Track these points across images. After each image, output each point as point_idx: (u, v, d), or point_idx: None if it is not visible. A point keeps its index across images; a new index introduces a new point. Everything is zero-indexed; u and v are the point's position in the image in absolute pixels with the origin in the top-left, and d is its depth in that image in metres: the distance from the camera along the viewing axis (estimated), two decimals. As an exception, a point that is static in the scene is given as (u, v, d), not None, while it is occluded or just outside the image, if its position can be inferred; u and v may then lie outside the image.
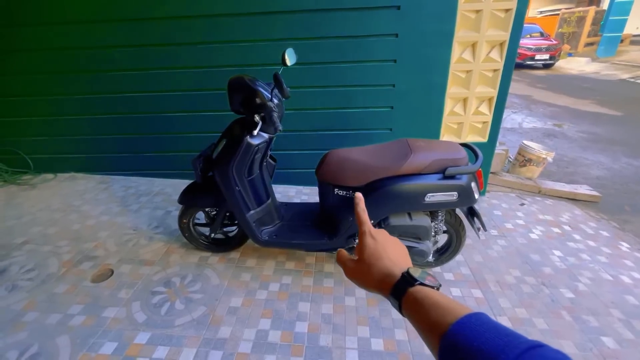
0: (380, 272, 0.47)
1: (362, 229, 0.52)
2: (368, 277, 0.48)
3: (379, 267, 0.47)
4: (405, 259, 0.50)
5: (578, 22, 13.43)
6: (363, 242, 0.51)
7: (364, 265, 0.49)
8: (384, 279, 0.46)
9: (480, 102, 2.73)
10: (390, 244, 0.51)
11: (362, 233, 0.52)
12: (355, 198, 0.55)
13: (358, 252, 0.51)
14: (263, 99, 1.59)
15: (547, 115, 6.30)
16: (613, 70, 10.51)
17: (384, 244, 0.50)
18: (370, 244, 0.50)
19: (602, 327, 1.75)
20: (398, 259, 0.49)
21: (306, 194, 3.05)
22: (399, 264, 0.48)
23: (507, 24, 2.45)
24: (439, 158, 1.63)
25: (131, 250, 2.25)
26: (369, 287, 0.48)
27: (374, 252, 0.49)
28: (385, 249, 0.49)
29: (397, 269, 0.46)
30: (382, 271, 0.47)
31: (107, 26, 2.64)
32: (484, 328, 0.34)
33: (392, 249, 0.50)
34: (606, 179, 3.75)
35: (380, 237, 0.51)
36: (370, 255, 0.49)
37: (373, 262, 0.48)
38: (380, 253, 0.49)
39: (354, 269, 0.50)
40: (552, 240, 2.49)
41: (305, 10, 2.48)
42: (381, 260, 0.48)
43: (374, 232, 0.52)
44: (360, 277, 0.49)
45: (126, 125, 3.03)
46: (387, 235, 0.53)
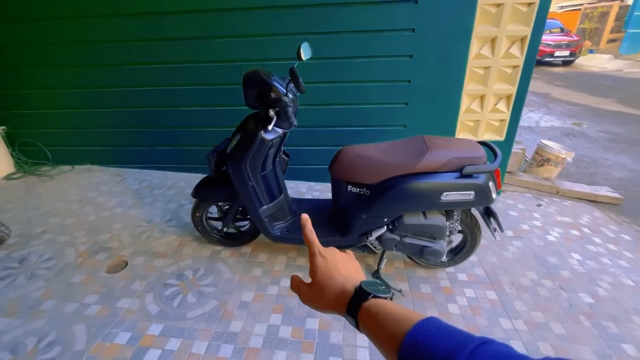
0: (335, 292, 0.45)
1: (312, 250, 0.50)
2: (323, 299, 0.46)
3: (333, 287, 0.46)
4: (357, 274, 0.49)
5: (601, 17, 12.94)
6: (313, 262, 0.49)
7: (317, 287, 0.47)
8: (338, 298, 0.45)
9: (499, 99, 2.65)
10: (341, 260, 0.50)
11: (311, 254, 0.50)
12: (302, 220, 0.53)
13: (311, 274, 0.49)
14: (278, 94, 1.57)
15: (566, 114, 6.11)
16: (637, 67, 10.12)
17: (334, 261, 0.49)
18: (321, 264, 0.48)
19: (622, 333, 1.69)
20: (350, 274, 0.48)
21: (318, 191, 3.03)
22: (352, 279, 0.46)
23: (529, 19, 2.36)
24: (456, 156, 1.59)
25: (145, 242, 2.28)
26: (325, 308, 0.46)
27: (325, 272, 0.47)
28: (337, 267, 0.48)
29: (350, 285, 0.45)
30: (336, 290, 0.45)
31: (125, 20, 2.66)
32: (436, 332, 0.35)
33: (343, 265, 0.49)
34: (628, 181, 3.61)
35: (330, 255, 0.50)
36: (322, 276, 0.47)
37: (326, 283, 0.46)
38: (332, 272, 0.47)
39: (308, 293, 0.48)
40: (571, 243, 2.42)
41: (321, 4, 2.45)
42: (333, 279, 0.46)
43: (324, 251, 0.50)
44: (316, 300, 0.47)
45: (141, 118, 3.06)
46: (337, 252, 0.51)
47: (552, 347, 1.61)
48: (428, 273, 2.08)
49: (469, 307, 1.84)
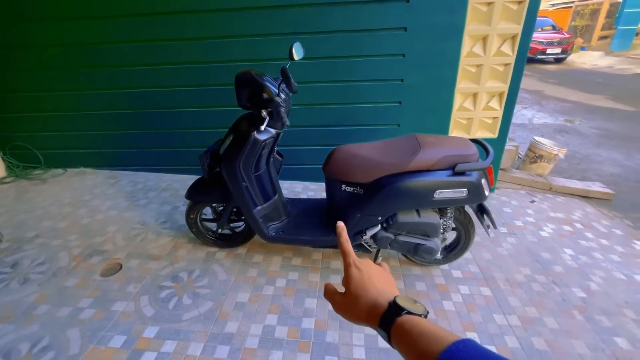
0: (368, 304, 0.46)
1: (347, 261, 0.51)
2: (356, 310, 0.47)
3: (366, 298, 0.46)
4: (391, 288, 0.49)
5: (592, 14, 13.07)
6: (348, 273, 0.50)
7: (351, 297, 0.48)
8: (371, 311, 0.45)
9: (491, 97, 2.67)
10: (376, 273, 0.50)
11: (346, 265, 0.51)
12: (338, 228, 0.54)
13: (344, 284, 0.50)
14: (270, 94, 1.57)
15: (559, 111, 6.17)
16: (627, 64, 10.23)
17: (369, 274, 0.49)
18: (355, 275, 0.49)
19: (614, 327, 1.72)
20: (384, 288, 0.48)
21: (313, 190, 3.03)
22: (386, 293, 0.47)
23: (519, 17, 2.38)
24: (448, 154, 1.60)
25: (139, 244, 2.27)
26: (357, 320, 0.47)
27: (360, 283, 0.48)
28: (371, 279, 0.49)
29: (384, 298, 0.46)
30: (369, 303, 0.46)
31: (117, 21, 2.64)
32: (473, 354, 0.34)
33: (377, 278, 0.49)
34: (620, 177, 3.66)
35: (365, 267, 0.50)
36: (356, 287, 0.48)
37: (360, 294, 0.47)
38: (366, 284, 0.48)
39: (341, 302, 0.49)
40: (564, 239, 2.44)
41: (313, 4, 2.45)
42: (367, 291, 0.47)
43: (359, 262, 0.51)
44: (349, 310, 0.48)
45: (135, 120, 3.04)
46: (372, 265, 0.52)
47: (545, 342, 1.63)
48: (423, 271, 2.09)
49: (463, 303, 1.86)
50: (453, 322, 1.74)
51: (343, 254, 0.52)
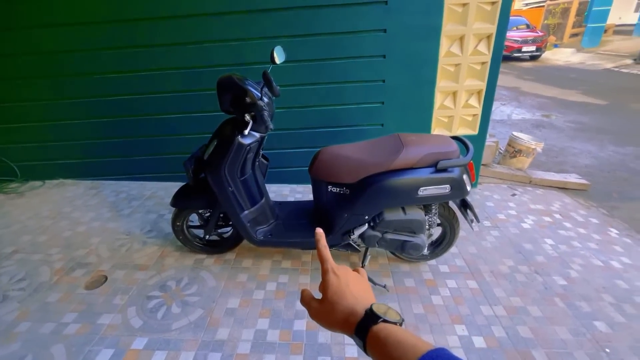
0: (344, 311, 0.46)
1: (325, 267, 0.51)
2: (332, 317, 0.47)
3: (343, 306, 0.46)
4: (368, 295, 0.49)
5: (562, 13, 13.61)
6: (326, 280, 0.49)
7: (327, 304, 0.47)
8: (347, 318, 0.45)
9: (470, 95, 2.75)
10: (353, 280, 0.50)
11: (324, 271, 0.50)
12: (316, 235, 0.54)
13: (322, 290, 0.49)
14: (253, 98, 1.58)
15: (536, 107, 6.38)
16: (598, 60, 10.69)
17: (347, 281, 0.49)
18: (333, 282, 0.48)
19: (594, 312, 1.79)
20: (361, 295, 0.48)
21: (300, 192, 3.04)
22: (362, 301, 0.47)
23: (493, 17, 2.47)
24: (430, 152, 1.64)
25: (125, 255, 2.22)
26: (333, 327, 0.47)
27: (337, 290, 0.48)
28: (349, 286, 0.48)
29: (361, 306, 0.46)
30: (346, 310, 0.46)
31: (94, 28, 2.59)
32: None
33: (355, 285, 0.49)
34: (594, 167, 3.82)
35: (343, 274, 0.50)
36: (333, 294, 0.47)
37: (336, 301, 0.47)
38: (344, 291, 0.48)
39: (318, 309, 0.49)
40: (544, 229, 2.53)
41: (294, 7, 2.47)
42: (345, 298, 0.47)
43: (337, 269, 0.50)
44: (325, 317, 0.48)
45: (115, 128, 2.98)
46: (350, 272, 0.52)
47: (530, 330, 1.69)
48: (411, 267, 2.13)
49: (451, 297, 1.90)
50: (442, 316, 1.78)
51: (321, 260, 0.51)
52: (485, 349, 1.60)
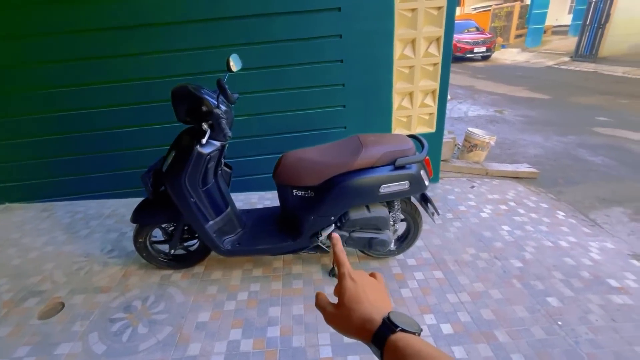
0: (361, 318, 0.44)
1: (342, 271, 0.49)
2: (348, 323, 0.45)
3: (360, 311, 0.45)
4: (385, 302, 0.48)
5: (507, 16, 14.68)
6: (342, 284, 0.48)
7: (344, 309, 0.46)
8: (364, 325, 0.44)
9: (425, 95, 2.89)
10: (370, 286, 0.49)
11: (341, 275, 0.49)
12: (333, 239, 0.54)
13: (338, 294, 0.48)
14: (209, 106, 1.56)
15: (489, 103, 6.81)
16: (540, 58, 11.61)
17: (363, 286, 0.48)
18: (350, 287, 0.47)
19: (546, 289, 1.94)
20: (378, 302, 0.47)
21: (269, 199, 3.03)
22: (380, 308, 0.46)
23: (440, 21, 2.62)
24: (388, 150, 1.71)
25: (83, 278, 2.09)
26: (349, 333, 0.46)
27: (354, 296, 0.47)
28: (366, 292, 0.47)
29: (378, 314, 0.44)
30: (363, 316, 0.44)
31: (37, 40, 2.44)
32: None
33: (372, 291, 0.48)
34: (542, 157, 4.14)
35: (359, 279, 0.49)
36: (350, 299, 0.46)
37: (353, 307, 0.46)
38: (361, 296, 0.46)
39: (333, 314, 0.48)
40: (501, 217, 2.70)
41: (249, 16, 2.48)
42: (361, 304, 0.46)
43: (354, 273, 0.49)
44: (340, 322, 0.47)
45: (67, 146, 2.80)
46: (367, 277, 0.51)
47: (492, 312, 1.79)
48: (380, 263, 2.19)
49: (419, 288, 1.98)
50: (411, 308, 1.84)
51: (338, 264, 0.50)
52: (453, 334, 1.68)
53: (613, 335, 1.63)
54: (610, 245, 2.36)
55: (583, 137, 4.67)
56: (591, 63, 9.69)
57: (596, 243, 2.37)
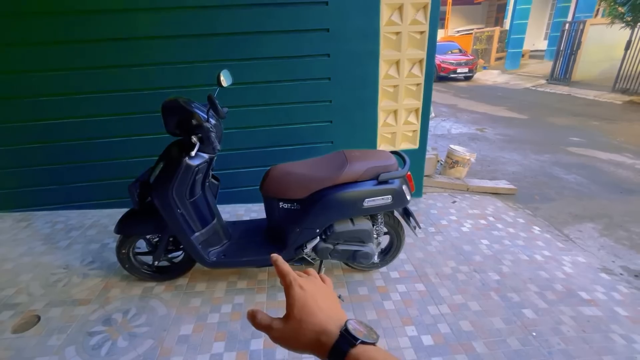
0: (315, 330, 0.40)
1: (287, 280, 0.44)
2: (300, 338, 0.41)
3: (312, 323, 0.40)
4: (338, 312, 0.44)
5: (488, 40, 15.44)
6: (290, 294, 0.43)
7: (293, 322, 0.41)
8: (318, 338, 0.39)
9: (409, 113, 3.02)
10: (322, 293, 0.45)
11: (287, 284, 0.44)
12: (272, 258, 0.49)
13: (287, 307, 0.43)
14: (199, 120, 1.60)
15: (471, 122, 7.08)
16: (519, 80, 12.21)
17: (314, 294, 0.43)
18: (299, 297, 0.42)
19: (522, 301, 2.02)
20: (332, 311, 0.43)
21: (255, 212, 3.04)
22: (334, 317, 0.42)
23: (423, 44, 2.77)
24: (372, 166, 1.78)
25: (62, 291, 2.04)
26: (302, 349, 0.41)
27: (304, 306, 0.42)
28: (317, 301, 0.43)
29: (333, 324, 0.40)
30: (316, 329, 0.40)
31: (22, 49, 2.44)
32: None
33: (324, 299, 0.44)
34: (520, 174, 4.32)
35: (309, 286, 0.44)
36: (300, 310, 0.41)
37: (304, 319, 0.41)
38: (312, 306, 0.42)
39: (282, 330, 0.42)
40: (480, 231, 2.80)
41: (240, 33, 2.56)
42: (314, 315, 0.41)
43: (301, 281, 0.45)
44: (291, 338, 0.41)
45: (49, 155, 2.76)
46: (317, 282, 0.47)
47: (470, 324, 1.85)
48: (364, 276, 2.22)
49: (401, 301, 2.02)
50: (393, 320, 1.88)
51: (281, 275, 0.45)
52: (433, 345, 1.72)
53: (583, 346, 1.71)
54: (582, 259, 2.48)
55: (558, 156, 4.91)
56: (565, 86, 10.25)
57: (569, 257, 2.49)
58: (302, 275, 0.48)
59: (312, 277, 0.48)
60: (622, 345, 1.71)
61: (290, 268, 0.47)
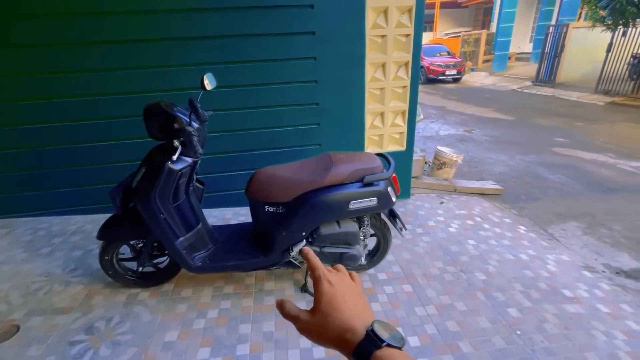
0: (340, 327, 0.40)
1: (316, 274, 0.45)
2: (325, 332, 0.41)
3: (339, 320, 0.41)
4: (366, 311, 0.44)
5: (475, 42, 15.70)
6: (319, 289, 0.44)
7: (320, 316, 0.42)
8: (344, 335, 0.40)
9: (395, 115, 3.04)
10: (350, 291, 0.45)
11: (316, 278, 0.44)
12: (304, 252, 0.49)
13: (315, 301, 0.44)
14: (182, 124, 1.59)
15: (459, 123, 7.18)
16: (506, 82, 12.43)
17: (342, 291, 0.44)
18: (327, 292, 0.43)
19: (507, 300, 2.04)
20: (359, 310, 0.43)
21: (243, 215, 3.02)
22: (361, 316, 0.42)
23: (408, 47, 2.80)
24: (357, 168, 1.79)
25: (42, 299, 1.99)
26: (327, 343, 0.41)
27: (331, 301, 0.42)
28: (345, 298, 0.43)
29: (360, 324, 0.40)
30: (342, 326, 0.40)
31: (3, 52, 2.38)
32: None
33: (351, 297, 0.44)
34: (506, 174, 4.39)
35: (338, 282, 0.45)
36: (327, 305, 0.42)
37: (331, 313, 0.41)
38: (339, 303, 0.42)
39: (308, 322, 0.43)
40: (467, 232, 2.83)
41: (225, 36, 2.55)
42: (340, 311, 0.41)
43: (330, 276, 0.45)
44: (316, 331, 0.42)
45: (30, 160, 2.70)
46: (345, 279, 0.47)
47: (457, 324, 1.87)
48: (352, 278, 2.22)
49: (388, 302, 2.03)
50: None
51: (311, 268, 0.46)
52: (420, 346, 1.73)
53: (566, 343, 1.74)
54: (566, 258, 2.52)
55: (543, 157, 5.01)
56: (550, 88, 10.48)
57: (553, 256, 2.53)
58: (332, 270, 0.48)
59: (342, 274, 0.48)
60: (604, 342, 1.75)
61: (320, 262, 0.47)
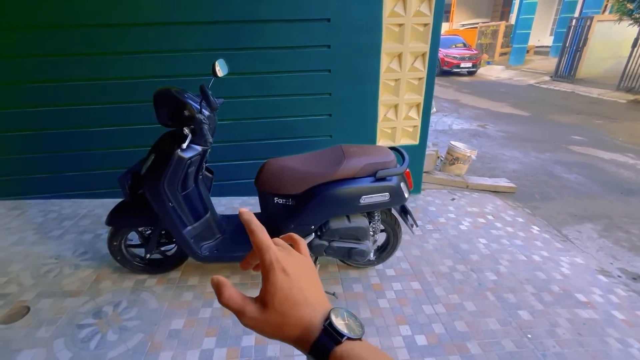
0: (298, 325, 0.35)
1: (267, 259, 0.36)
2: (280, 331, 0.35)
3: (296, 317, 0.35)
4: (322, 297, 0.38)
5: (493, 34, 15.21)
6: (272, 280, 0.35)
7: (274, 315, 0.35)
8: (302, 333, 0.34)
9: (410, 108, 2.95)
10: (306, 276, 0.38)
11: (267, 266, 0.36)
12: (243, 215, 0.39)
13: (265, 294, 0.35)
14: (192, 111, 1.55)
15: (473, 118, 7.00)
16: (523, 76, 12.06)
17: (299, 279, 0.36)
18: (283, 285, 0.35)
19: (518, 302, 1.99)
20: (317, 300, 0.37)
21: (251, 205, 3.00)
22: (317, 306, 0.36)
23: (426, 37, 2.70)
24: (369, 162, 1.74)
25: (52, 281, 2.01)
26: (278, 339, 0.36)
27: (288, 297, 0.35)
28: (302, 289, 0.36)
29: (316, 316, 0.35)
30: (300, 323, 0.35)
31: (13, 33, 2.37)
32: None
33: (308, 285, 0.37)
34: (520, 172, 4.27)
35: (293, 268, 0.37)
36: (283, 302, 0.35)
37: (287, 312, 0.35)
38: (296, 297, 0.35)
39: (257, 320, 0.35)
40: (479, 230, 2.77)
41: (238, 21, 2.48)
42: (298, 308, 0.35)
43: (285, 262, 0.37)
44: (268, 330, 0.35)
45: (43, 143, 2.71)
46: (300, 260, 0.39)
47: (465, 324, 1.83)
48: (360, 273, 2.20)
49: (396, 299, 1.99)
50: (387, 318, 1.86)
51: (258, 248, 0.36)
52: (427, 345, 1.70)
53: (578, 349, 1.69)
54: (580, 261, 2.45)
55: (559, 155, 4.85)
56: (569, 83, 10.12)
57: (567, 258, 2.46)
58: (281, 248, 0.39)
59: (293, 253, 0.39)
60: (618, 350, 1.69)
61: (268, 236, 0.38)
